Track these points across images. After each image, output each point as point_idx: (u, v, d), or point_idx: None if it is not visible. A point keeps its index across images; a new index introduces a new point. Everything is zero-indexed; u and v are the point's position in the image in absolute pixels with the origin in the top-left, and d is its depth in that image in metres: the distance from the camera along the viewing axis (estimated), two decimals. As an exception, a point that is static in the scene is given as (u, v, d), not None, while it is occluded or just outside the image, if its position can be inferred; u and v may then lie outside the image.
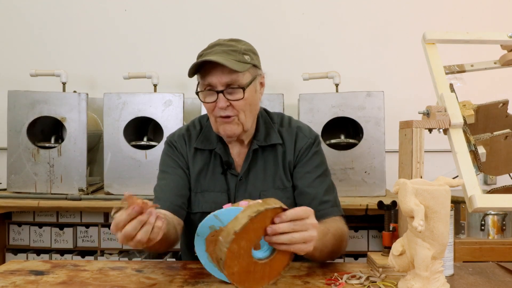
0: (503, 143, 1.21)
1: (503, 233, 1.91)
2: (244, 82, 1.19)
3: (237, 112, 1.20)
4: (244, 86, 1.19)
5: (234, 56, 1.18)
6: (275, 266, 0.90)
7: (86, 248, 2.23)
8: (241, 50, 1.20)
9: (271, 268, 0.90)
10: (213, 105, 1.21)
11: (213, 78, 1.18)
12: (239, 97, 1.19)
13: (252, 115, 1.25)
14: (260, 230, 0.86)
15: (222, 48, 1.19)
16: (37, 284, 1.02)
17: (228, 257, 0.81)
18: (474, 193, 1.01)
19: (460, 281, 1.05)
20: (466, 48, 1.55)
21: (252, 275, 0.87)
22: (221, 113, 1.20)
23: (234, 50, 1.19)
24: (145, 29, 2.59)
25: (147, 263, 1.20)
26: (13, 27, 2.59)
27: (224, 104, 1.18)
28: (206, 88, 1.21)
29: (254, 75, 1.23)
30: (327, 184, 1.28)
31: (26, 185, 2.11)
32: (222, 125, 1.22)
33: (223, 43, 1.22)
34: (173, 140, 1.35)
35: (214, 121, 1.24)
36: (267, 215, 0.85)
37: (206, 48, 1.23)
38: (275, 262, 0.90)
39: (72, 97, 2.10)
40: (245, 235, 0.82)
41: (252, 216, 0.81)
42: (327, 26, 2.57)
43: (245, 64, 1.19)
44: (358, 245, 2.18)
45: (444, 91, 1.15)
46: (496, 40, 1.25)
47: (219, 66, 1.15)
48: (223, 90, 1.18)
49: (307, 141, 1.31)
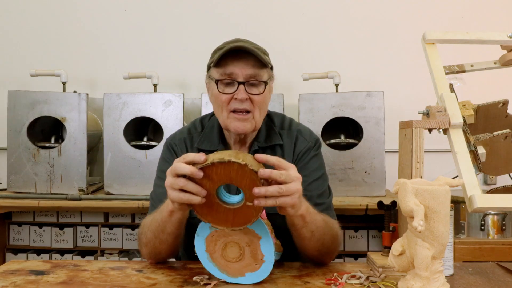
0: (503, 143, 1.21)
1: (503, 233, 1.91)
2: (265, 77, 1.19)
3: (254, 107, 1.19)
4: (266, 81, 1.19)
5: (260, 51, 1.18)
6: (240, 216, 0.94)
7: (86, 248, 2.23)
8: (263, 50, 1.21)
9: (235, 216, 0.94)
10: (229, 97, 1.18)
11: (236, 68, 1.16)
12: (260, 92, 1.18)
13: (263, 114, 1.25)
14: (224, 176, 0.90)
15: (246, 44, 1.18)
16: (37, 284, 1.02)
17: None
18: (474, 193, 1.01)
19: (460, 281, 1.05)
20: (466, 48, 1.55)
21: (215, 214, 0.94)
22: (238, 106, 1.17)
23: (257, 48, 1.19)
24: (145, 29, 2.59)
25: (147, 263, 1.20)
26: (13, 27, 2.59)
27: (244, 95, 1.16)
28: (225, 77, 1.17)
29: (270, 76, 1.23)
30: (323, 189, 1.27)
31: (26, 185, 2.11)
32: (235, 121, 1.19)
33: (245, 41, 1.21)
34: (173, 143, 1.32)
35: (226, 116, 1.20)
36: (232, 166, 0.89)
37: (227, 42, 1.20)
38: (240, 213, 0.93)
39: (72, 97, 2.10)
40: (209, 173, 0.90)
41: (214, 161, 0.89)
42: (327, 26, 2.57)
43: (267, 63, 1.19)
44: (358, 245, 2.18)
45: (444, 91, 1.15)
46: (496, 40, 1.25)
47: (243, 57, 1.15)
48: (244, 82, 1.16)
49: (307, 144, 1.30)
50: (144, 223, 1.18)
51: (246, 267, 1.02)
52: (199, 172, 0.90)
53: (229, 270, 1.03)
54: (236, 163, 0.88)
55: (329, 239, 1.14)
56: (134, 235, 2.20)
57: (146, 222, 1.17)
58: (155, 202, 1.24)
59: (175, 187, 0.92)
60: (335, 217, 1.26)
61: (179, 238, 1.13)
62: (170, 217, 1.04)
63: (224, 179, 0.91)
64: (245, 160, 0.89)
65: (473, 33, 1.25)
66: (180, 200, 0.93)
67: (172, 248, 1.15)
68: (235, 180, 0.90)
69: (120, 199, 2.05)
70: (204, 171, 0.90)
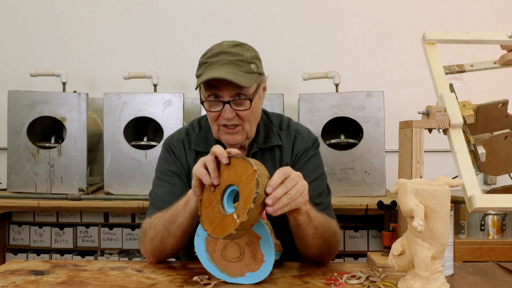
0: (502, 143, 1.21)
1: (503, 233, 1.91)
2: (250, 92, 1.18)
3: (243, 121, 1.20)
4: (251, 97, 1.18)
5: (241, 67, 1.15)
6: (221, 225, 0.95)
7: (86, 248, 2.23)
8: (248, 59, 1.18)
9: (219, 223, 0.95)
10: (217, 115, 1.19)
11: (221, 90, 1.16)
12: (246, 108, 1.18)
13: (256, 122, 1.25)
14: (238, 176, 0.94)
15: (228, 57, 1.16)
16: (37, 284, 1.02)
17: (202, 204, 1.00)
18: (474, 193, 1.01)
19: (460, 281, 1.05)
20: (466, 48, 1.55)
21: (210, 211, 0.98)
22: (226, 123, 1.19)
23: (240, 60, 1.16)
24: (145, 29, 2.59)
25: (147, 263, 1.20)
26: (13, 27, 2.59)
27: (230, 115, 1.17)
28: (211, 97, 1.19)
29: (259, 83, 1.22)
30: (322, 188, 1.27)
31: (26, 185, 2.11)
32: (225, 134, 1.21)
33: (228, 51, 1.17)
34: (171, 144, 1.32)
35: (216, 129, 1.23)
36: (239, 162, 0.95)
37: (210, 55, 1.18)
38: (223, 221, 0.95)
39: (72, 97, 2.10)
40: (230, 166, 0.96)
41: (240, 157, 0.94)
42: (327, 26, 2.57)
43: (252, 74, 1.17)
44: (358, 245, 2.18)
45: (444, 91, 1.15)
46: (496, 40, 1.25)
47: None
48: (230, 101, 1.17)
49: (305, 144, 1.30)
50: (150, 220, 1.19)
51: (246, 267, 1.02)
52: (226, 159, 0.96)
53: (229, 270, 1.03)
54: (251, 168, 0.91)
55: (330, 236, 1.14)
56: (134, 235, 2.20)
57: (157, 215, 1.17)
58: (155, 201, 1.25)
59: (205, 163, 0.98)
60: (334, 216, 1.26)
61: (186, 235, 1.12)
62: (185, 206, 1.07)
63: (237, 178, 0.94)
64: (258, 169, 0.91)
65: (473, 33, 1.25)
66: (198, 172, 0.98)
67: (178, 244, 1.15)
68: (241, 184, 0.93)
69: (120, 199, 2.05)
70: (228, 163, 0.96)
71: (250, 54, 1.20)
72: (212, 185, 0.97)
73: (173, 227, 1.10)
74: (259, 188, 0.88)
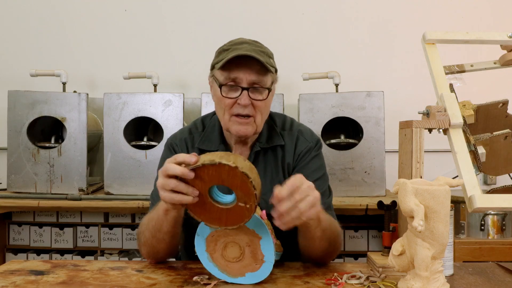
0: (503, 143, 1.21)
1: (503, 233, 1.91)
2: (268, 83, 1.19)
3: (255, 113, 1.20)
4: (269, 87, 1.19)
5: (264, 57, 1.17)
6: (233, 215, 0.95)
7: (86, 248, 2.23)
8: (268, 53, 1.20)
9: (228, 215, 0.95)
10: (232, 102, 1.18)
11: (241, 74, 1.16)
12: (263, 98, 1.18)
13: (265, 117, 1.26)
14: (216, 177, 0.91)
15: (252, 47, 1.18)
16: (37, 284, 1.02)
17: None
18: (474, 193, 1.01)
19: (460, 281, 1.05)
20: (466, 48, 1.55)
21: (208, 213, 0.95)
22: (240, 111, 1.18)
23: (262, 51, 1.18)
24: (145, 29, 2.59)
25: (147, 263, 1.20)
26: (13, 27, 2.59)
27: (247, 101, 1.17)
28: (229, 82, 1.18)
29: (273, 80, 1.23)
30: (323, 189, 1.26)
31: (26, 185, 2.11)
32: (236, 125, 1.20)
33: (250, 42, 1.20)
34: (174, 143, 1.32)
35: (227, 119, 1.21)
36: (223, 168, 0.89)
37: (232, 44, 1.20)
38: (233, 212, 0.94)
39: (72, 97, 2.10)
40: (200, 173, 0.91)
41: (205, 163, 0.89)
42: (327, 26, 2.57)
43: (272, 67, 1.19)
44: (358, 245, 2.18)
45: (444, 91, 1.15)
46: (496, 40, 1.25)
47: (248, 63, 1.14)
48: (248, 88, 1.17)
49: (308, 144, 1.30)
50: (142, 223, 1.19)
51: (246, 267, 1.02)
52: (190, 173, 0.90)
53: (229, 270, 1.03)
54: (226, 165, 0.88)
55: (335, 237, 1.15)
56: (134, 235, 2.20)
57: (144, 222, 1.17)
58: (155, 201, 1.24)
59: (166, 188, 0.92)
60: (335, 217, 1.26)
61: (176, 238, 1.13)
62: (166, 216, 1.05)
63: (216, 180, 0.91)
64: (236, 162, 0.89)
65: (473, 33, 1.25)
66: (171, 201, 0.93)
67: (170, 247, 1.15)
68: (226, 182, 0.91)
69: (120, 199, 2.05)
70: (195, 172, 0.90)
71: (269, 51, 1.23)
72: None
73: (160, 235, 1.10)
74: (251, 177, 0.89)
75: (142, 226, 1.17)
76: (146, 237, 1.14)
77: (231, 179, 0.90)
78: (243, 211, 0.93)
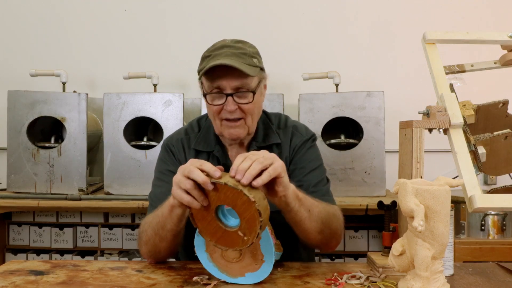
0: (503, 143, 1.21)
1: (503, 233, 1.91)
2: (253, 85, 1.19)
3: (245, 115, 1.20)
4: (254, 90, 1.19)
5: (244, 60, 1.17)
6: (227, 238, 0.95)
7: (86, 248, 2.23)
8: (250, 53, 1.20)
9: (223, 236, 0.95)
10: (220, 108, 1.20)
11: (223, 81, 1.17)
12: (249, 101, 1.19)
13: (257, 117, 1.26)
14: (230, 200, 0.90)
15: (232, 50, 1.17)
16: (37, 284, 1.02)
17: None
18: (474, 193, 1.01)
19: (460, 281, 1.05)
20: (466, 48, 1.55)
21: (207, 224, 0.95)
22: (229, 116, 1.19)
23: (243, 53, 1.18)
24: (145, 29, 2.59)
25: (147, 263, 1.19)
26: (13, 27, 2.59)
27: (233, 107, 1.18)
28: (213, 90, 1.19)
29: (260, 78, 1.23)
30: (320, 178, 1.27)
31: (26, 185, 2.11)
32: (228, 128, 1.22)
33: (231, 45, 1.20)
34: (170, 144, 1.33)
35: (219, 124, 1.23)
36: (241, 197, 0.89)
37: (213, 49, 1.20)
38: (229, 236, 0.94)
39: (72, 97, 2.10)
40: (218, 188, 0.91)
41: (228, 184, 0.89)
42: (327, 26, 2.57)
43: (255, 67, 1.19)
44: (358, 245, 2.18)
45: (444, 91, 1.15)
46: (496, 40, 1.25)
47: (229, 69, 1.14)
48: (232, 94, 1.17)
49: (302, 138, 1.31)
50: (144, 222, 1.19)
51: (246, 267, 1.02)
52: (211, 185, 0.91)
53: (229, 270, 1.03)
54: (246, 196, 0.88)
55: (329, 218, 1.14)
56: (134, 235, 2.20)
57: (147, 220, 1.17)
58: (154, 202, 1.24)
59: (181, 186, 0.94)
60: (335, 203, 1.27)
61: (178, 237, 1.13)
62: (171, 213, 1.05)
63: (230, 202, 0.91)
64: (256, 197, 0.89)
65: (473, 33, 1.25)
66: (181, 200, 0.94)
67: (171, 247, 1.15)
68: (238, 208, 0.91)
69: (120, 199, 2.05)
70: (214, 185, 0.91)
71: (252, 50, 1.22)
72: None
73: (163, 232, 1.10)
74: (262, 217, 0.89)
75: (145, 225, 1.17)
76: (148, 235, 1.14)
77: (243, 209, 0.90)
78: (239, 240, 0.93)
